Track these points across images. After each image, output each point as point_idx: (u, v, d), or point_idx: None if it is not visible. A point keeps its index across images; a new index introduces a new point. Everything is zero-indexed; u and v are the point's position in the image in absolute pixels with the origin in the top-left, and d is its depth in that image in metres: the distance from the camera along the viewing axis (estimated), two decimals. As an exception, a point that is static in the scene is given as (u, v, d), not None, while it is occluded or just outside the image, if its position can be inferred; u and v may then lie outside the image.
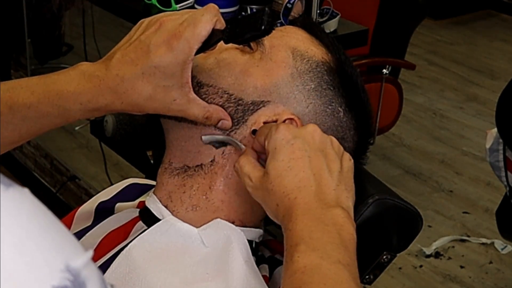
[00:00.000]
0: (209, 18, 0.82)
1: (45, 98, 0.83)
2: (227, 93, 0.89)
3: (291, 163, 0.79)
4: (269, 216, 0.83)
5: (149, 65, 0.81)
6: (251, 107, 0.89)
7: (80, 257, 0.47)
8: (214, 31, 0.83)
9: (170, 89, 0.83)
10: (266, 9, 0.85)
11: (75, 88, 0.83)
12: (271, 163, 0.80)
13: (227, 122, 0.88)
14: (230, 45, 0.93)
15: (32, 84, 0.84)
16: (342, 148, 0.85)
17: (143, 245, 0.87)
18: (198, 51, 0.83)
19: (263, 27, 0.82)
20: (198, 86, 0.90)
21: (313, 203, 0.77)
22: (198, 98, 0.86)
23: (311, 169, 0.79)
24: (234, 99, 0.89)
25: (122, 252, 0.88)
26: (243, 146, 0.87)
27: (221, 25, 0.84)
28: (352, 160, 0.85)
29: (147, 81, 0.82)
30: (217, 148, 0.90)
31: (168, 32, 0.81)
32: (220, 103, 0.89)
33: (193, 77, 0.90)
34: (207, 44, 0.83)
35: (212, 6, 0.83)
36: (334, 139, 0.85)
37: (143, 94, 0.82)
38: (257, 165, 0.83)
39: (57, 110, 0.84)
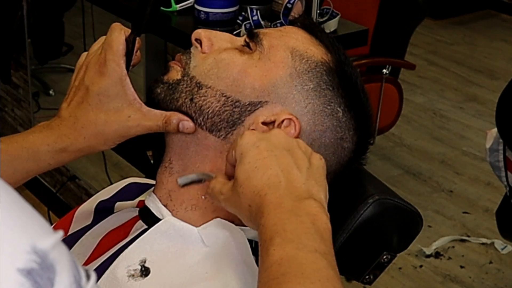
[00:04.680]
0: (118, 33, 0.91)
1: (13, 143, 0.91)
2: (225, 96, 0.89)
3: (257, 163, 0.78)
4: (246, 225, 0.82)
5: (92, 96, 0.90)
6: (249, 108, 0.89)
7: (47, 238, 0.45)
8: (127, 39, 0.91)
9: (121, 109, 0.90)
10: None
11: (38, 134, 0.92)
12: (238, 168, 0.79)
13: (188, 123, 0.89)
14: (229, 45, 0.93)
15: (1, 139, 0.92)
16: (310, 149, 0.84)
17: (143, 247, 0.87)
18: (128, 64, 0.91)
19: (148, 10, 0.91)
20: (197, 87, 0.90)
21: (284, 197, 0.76)
22: (152, 109, 0.91)
23: (279, 166, 0.78)
24: (231, 101, 0.89)
25: (122, 254, 0.88)
26: (213, 175, 0.86)
27: (128, 31, 0.92)
28: (323, 160, 0.83)
29: (97, 110, 0.90)
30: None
31: (95, 65, 0.91)
32: (217, 108, 0.89)
33: (192, 78, 0.90)
34: (130, 53, 0.91)
35: (115, 24, 0.92)
36: (301, 141, 0.84)
37: (99, 122, 0.90)
38: (227, 181, 0.82)
39: (27, 153, 0.90)
